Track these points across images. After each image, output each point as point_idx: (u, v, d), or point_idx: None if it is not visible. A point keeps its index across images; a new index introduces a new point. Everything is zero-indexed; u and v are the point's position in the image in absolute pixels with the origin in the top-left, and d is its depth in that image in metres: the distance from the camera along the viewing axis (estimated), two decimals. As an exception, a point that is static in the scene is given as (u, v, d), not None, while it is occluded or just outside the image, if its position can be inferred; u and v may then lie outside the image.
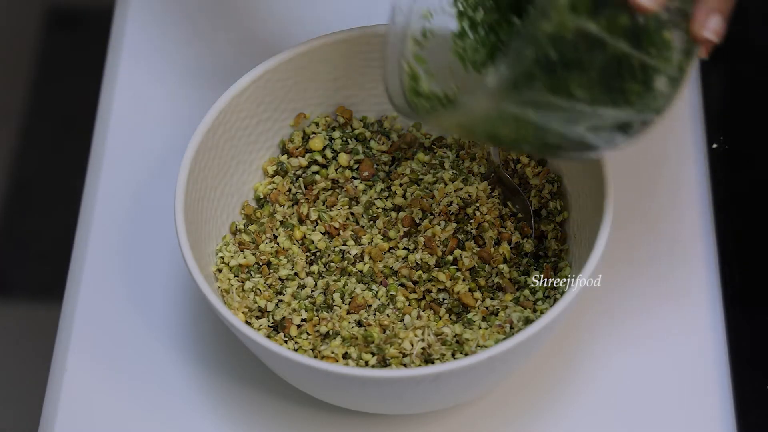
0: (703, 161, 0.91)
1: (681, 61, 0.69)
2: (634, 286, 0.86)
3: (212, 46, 0.98)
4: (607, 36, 0.66)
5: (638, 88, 0.68)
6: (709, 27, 0.68)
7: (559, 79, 0.67)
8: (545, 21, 0.65)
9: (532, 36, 0.65)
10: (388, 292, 0.81)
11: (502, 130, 0.70)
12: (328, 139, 0.87)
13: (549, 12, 0.65)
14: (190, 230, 0.77)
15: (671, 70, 0.69)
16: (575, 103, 0.68)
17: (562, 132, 0.70)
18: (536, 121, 0.69)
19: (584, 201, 0.81)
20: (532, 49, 0.65)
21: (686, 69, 0.69)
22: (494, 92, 0.67)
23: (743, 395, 0.81)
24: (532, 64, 0.66)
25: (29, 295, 1.61)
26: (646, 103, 0.69)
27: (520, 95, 0.67)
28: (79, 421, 0.82)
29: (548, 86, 0.67)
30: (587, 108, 0.68)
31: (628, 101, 0.69)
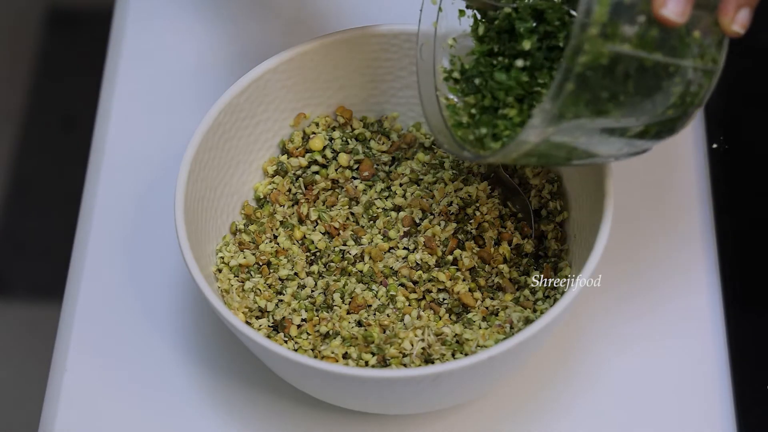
0: (703, 161, 0.91)
1: (714, 54, 0.70)
2: (634, 286, 0.86)
3: (212, 46, 0.98)
4: (642, 52, 0.67)
5: (679, 90, 0.70)
6: (738, 21, 0.69)
7: (603, 102, 0.68)
8: (581, 54, 0.66)
9: (570, 69, 0.66)
10: (388, 292, 0.81)
11: (553, 156, 0.72)
12: (328, 139, 0.87)
13: (583, 45, 0.66)
14: (190, 230, 0.77)
15: (707, 65, 0.70)
16: (621, 119, 0.69)
17: (612, 146, 0.72)
18: (586, 143, 0.70)
19: (584, 201, 0.81)
20: (572, 82, 0.66)
21: (720, 60, 0.70)
22: (541, 128, 0.68)
23: (743, 395, 0.81)
24: (574, 96, 0.67)
25: (29, 295, 1.61)
26: (687, 101, 0.70)
27: (567, 126, 0.68)
28: (79, 421, 0.82)
29: (593, 111, 0.68)
30: (633, 120, 0.70)
31: (672, 104, 0.70)
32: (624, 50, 0.67)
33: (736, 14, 0.69)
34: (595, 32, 0.66)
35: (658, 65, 0.68)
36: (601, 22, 0.66)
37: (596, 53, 0.66)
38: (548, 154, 0.71)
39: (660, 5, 0.67)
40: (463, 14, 0.79)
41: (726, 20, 0.69)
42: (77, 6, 1.82)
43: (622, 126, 0.70)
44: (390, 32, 0.85)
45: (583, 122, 0.69)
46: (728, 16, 0.69)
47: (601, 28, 0.66)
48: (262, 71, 0.83)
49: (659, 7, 0.67)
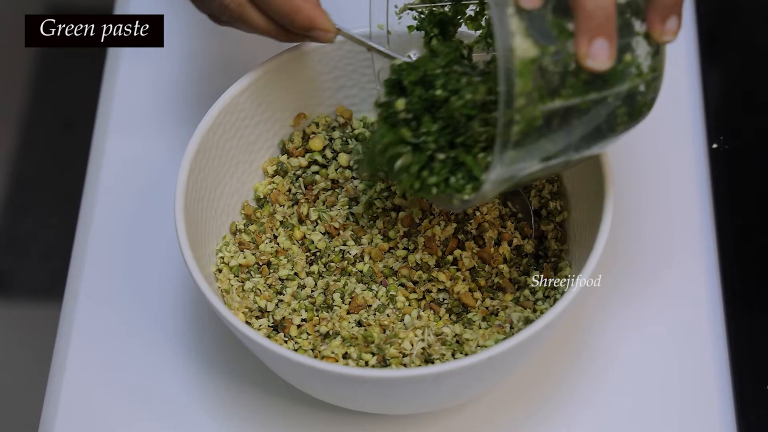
0: (703, 161, 0.91)
1: (653, 64, 0.70)
2: (634, 286, 0.86)
3: (212, 46, 0.98)
4: (576, 99, 0.67)
5: (624, 110, 0.70)
6: (667, 30, 0.69)
7: (549, 149, 0.68)
8: (514, 125, 0.66)
9: (506, 142, 0.66)
10: (388, 292, 0.81)
11: (517, 184, 0.72)
12: (328, 139, 0.87)
13: (514, 116, 0.65)
14: (190, 230, 0.77)
15: (646, 77, 0.70)
16: (572, 153, 0.70)
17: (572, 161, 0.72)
18: (546, 173, 0.71)
19: (584, 201, 0.81)
20: (512, 149, 0.66)
21: (660, 66, 0.70)
22: (494, 186, 0.69)
23: (743, 395, 0.81)
24: (517, 158, 0.67)
25: (29, 295, 1.60)
26: (634, 113, 0.70)
27: (519, 175, 0.69)
28: (79, 421, 0.82)
29: (542, 158, 0.68)
30: (585, 147, 0.70)
31: (619, 123, 0.70)
32: (556, 105, 0.67)
33: (664, 24, 0.69)
34: (522, 103, 0.65)
35: (595, 102, 0.68)
36: (526, 92, 0.65)
37: (529, 119, 0.66)
38: (514, 185, 0.72)
39: (584, 56, 0.66)
40: (413, 29, 0.80)
41: (656, 33, 0.69)
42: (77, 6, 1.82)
43: (575, 157, 0.70)
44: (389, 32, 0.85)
45: (536, 167, 0.69)
46: (657, 28, 0.69)
47: (527, 97, 0.65)
48: (262, 71, 0.83)
49: (584, 59, 0.66)
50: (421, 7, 0.80)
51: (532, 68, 0.65)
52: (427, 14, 0.80)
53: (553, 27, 0.66)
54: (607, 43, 0.66)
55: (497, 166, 0.67)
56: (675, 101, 0.93)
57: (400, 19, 0.81)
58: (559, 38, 0.66)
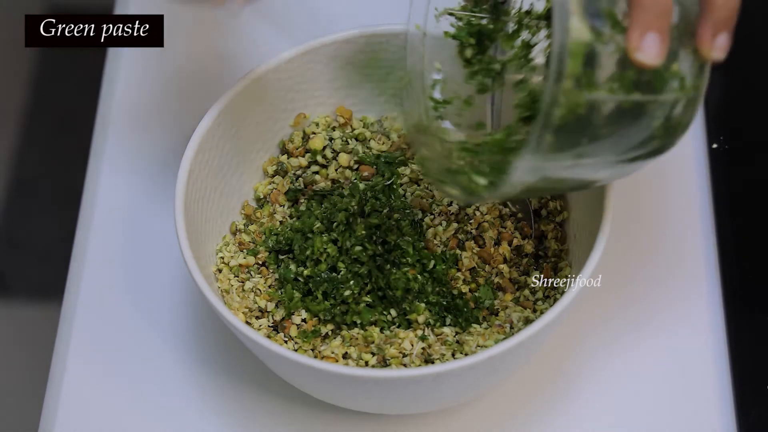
0: (703, 161, 0.91)
1: (695, 82, 0.69)
2: (634, 286, 0.86)
3: (212, 46, 0.98)
4: (620, 96, 0.66)
5: (660, 122, 0.69)
6: (717, 46, 0.68)
7: (584, 146, 0.67)
8: (557, 107, 0.65)
9: (547, 123, 0.65)
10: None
11: (546, 189, 0.72)
12: (328, 139, 0.87)
13: (559, 98, 0.65)
14: (190, 230, 0.77)
15: (688, 94, 0.69)
16: (604, 156, 0.69)
17: (602, 173, 0.71)
18: (574, 175, 0.70)
19: (584, 201, 0.81)
20: (551, 134, 0.66)
21: (701, 86, 0.69)
22: (523, 177, 0.68)
23: (743, 395, 0.81)
24: (554, 146, 0.66)
25: (29, 295, 1.60)
26: (670, 129, 0.69)
27: (550, 170, 0.68)
28: (79, 421, 0.82)
29: (575, 155, 0.67)
30: (614, 156, 0.69)
31: (654, 135, 0.69)
32: (601, 96, 0.66)
33: (714, 40, 0.68)
34: (569, 85, 0.65)
35: (637, 104, 0.67)
36: (575, 75, 0.65)
37: (573, 104, 0.65)
38: (542, 189, 0.71)
39: (635, 49, 0.65)
40: (449, 35, 0.79)
41: (705, 48, 0.68)
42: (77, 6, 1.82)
43: (606, 161, 0.69)
44: (390, 32, 0.85)
45: (566, 164, 0.68)
46: (707, 43, 0.68)
47: (575, 79, 0.65)
48: (262, 71, 0.83)
49: (634, 51, 0.65)
50: (460, 14, 0.80)
51: (584, 52, 0.65)
52: (465, 23, 0.79)
53: (609, 17, 0.65)
54: (659, 39, 0.65)
55: (532, 151, 0.66)
56: (675, 101, 0.93)
57: (438, 22, 0.80)
58: (613, 29, 0.66)
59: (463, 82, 0.80)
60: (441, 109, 0.80)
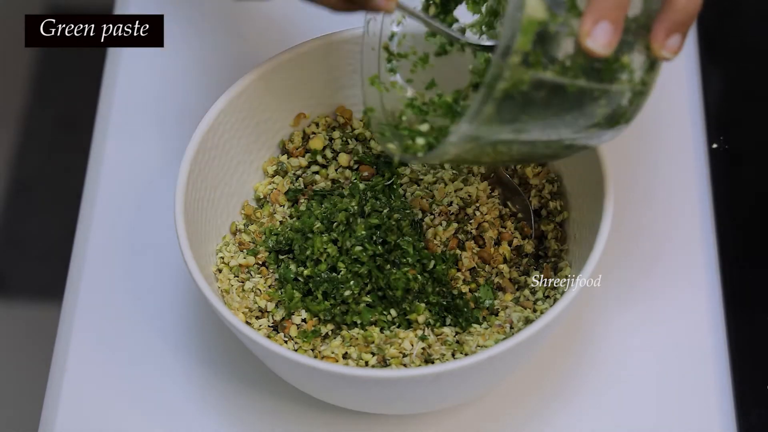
0: (703, 161, 0.91)
1: (644, 77, 0.69)
2: (634, 286, 0.86)
3: (212, 46, 0.98)
4: (565, 79, 0.67)
5: (604, 111, 0.69)
6: (668, 46, 0.68)
7: (523, 122, 0.68)
8: (501, 80, 0.65)
9: (489, 95, 0.66)
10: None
11: (482, 158, 0.71)
12: (328, 139, 0.87)
13: (504, 72, 0.65)
14: (190, 230, 0.77)
15: (635, 87, 0.69)
16: (542, 136, 0.69)
17: (534, 152, 0.71)
18: (511, 148, 0.70)
19: (584, 201, 0.81)
20: (491, 105, 0.66)
21: (650, 81, 0.70)
22: (460, 143, 0.68)
23: (743, 395, 0.81)
24: (493, 118, 0.67)
25: (29, 295, 1.60)
26: (613, 120, 0.70)
27: (487, 140, 0.68)
28: (79, 421, 0.82)
29: (513, 130, 0.68)
30: (554, 135, 0.69)
31: (596, 124, 0.69)
32: (546, 77, 0.66)
33: (666, 40, 0.68)
34: (516, 60, 0.65)
35: (581, 90, 0.67)
36: (524, 50, 0.65)
37: (516, 80, 0.65)
38: (483, 155, 0.71)
39: (586, 35, 0.65)
40: None
41: (656, 46, 0.68)
42: (77, 6, 1.82)
43: (544, 139, 0.69)
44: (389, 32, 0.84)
45: (504, 137, 0.68)
46: (659, 42, 0.68)
47: (523, 56, 0.65)
48: (262, 71, 0.83)
49: (585, 37, 0.65)
50: None
51: (535, 30, 0.65)
52: None
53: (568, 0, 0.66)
54: (612, 29, 0.65)
55: (470, 119, 0.66)
56: (675, 101, 0.93)
57: None
58: (569, 12, 0.66)
59: (423, 39, 0.80)
60: (395, 62, 0.80)
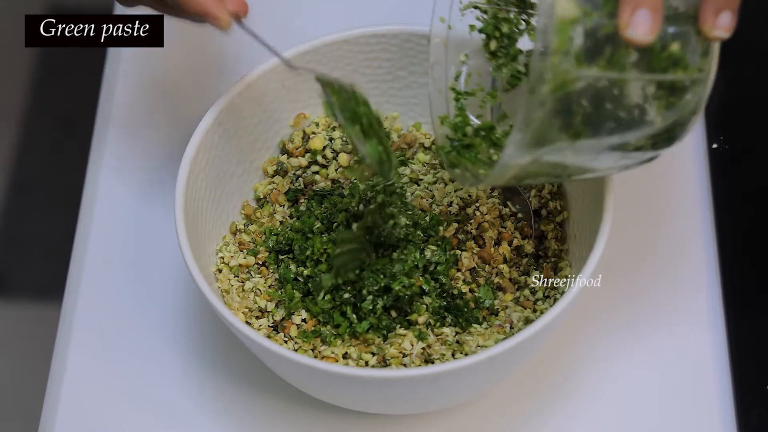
0: (703, 161, 0.91)
1: (699, 63, 0.68)
2: (634, 286, 0.86)
3: (212, 46, 0.98)
4: (612, 73, 0.65)
5: (664, 103, 0.68)
6: (719, 25, 0.67)
7: (579, 125, 0.66)
8: (544, 83, 0.64)
9: (534, 100, 0.64)
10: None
11: (547, 174, 0.70)
12: (328, 139, 0.87)
13: (545, 74, 0.64)
14: (190, 230, 0.77)
15: (692, 75, 0.68)
16: (604, 138, 0.68)
17: (606, 161, 0.70)
18: (577, 160, 0.69)
19: (584, 201, 0.81)
20: (540, 111, 0.65)
21: (707, 68, 0.68)
22: (518, 156, 0.67)
23: (743, 395, 0.81)
24: (545, 123, 0.65)
25: (29, 295, 1.61)
26: (678, 112, 0.68)
27: (547, 150, 0.67)
28: (79, 421, 0.82)
29: (570, 135, 0.67)
30: (618, 138, 0.68)
31: (659, 117, 0.68)
32: (592, 73, 0.65)
33: (716, 19, 0.67)
34: (556, 60, 0.64)
35: (634, 83, 0.66)
36: (562, 50, 0.64)
37: (561, 81, 0.64)
38: (542, 173, 0.70)
39: (625, 27, 0.64)
40: (474, 29, 0.79)
41: (707, 26, 0.67)
42: (77, 6, 1.82)
43: (608, 144, 0.68)
44: (390, 32, 0.85)
45: (563, 145, 0.67)
46: (708, 21, 0.67)
47: (562, 56, 0.64)
48: (262, 71, 0.83)
49: (624, 28, 0.64)
50: (485, 6, 0.79)
51: (571, 28, 0.64)
52: (490, 16, 0.79)
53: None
54: (651, 15, 0.64)
55: (522, 127, 0.65)
56: (675, 101, 0.93)
57: (463, 15, 0.80)
58: (605, 6, 0.65)
59: (490, 74, 0.80)
60: (463, 100, 0.80)
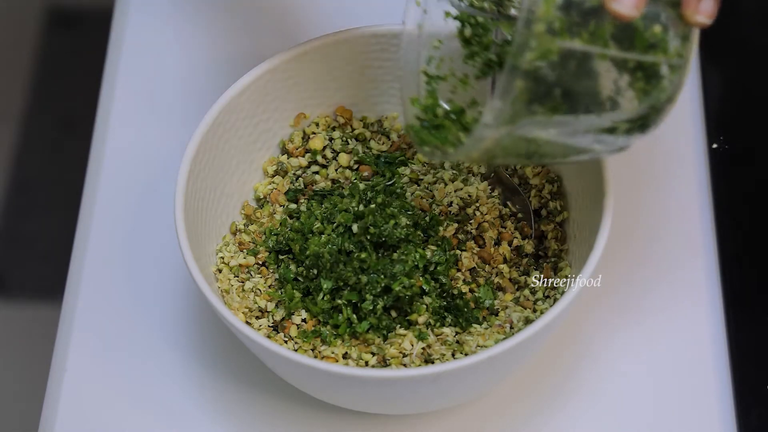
0: (703, 161, 0.91)
1: (678, 48, 0.68)
2: (634, 286, 0.86)
3: (212, 46, 0.98)
4: (594, 48, 0.65)
5: (642, 86, 0.68)
6: (701, 10, 0.67)
7: (557, 99, 0.66)
8: (528, 51, 0.64)
9: (517, 67, 0.64)
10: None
11: (521, 152, 0.70)
12: (328, 139, 0.87)
13: (529, 42, 0.64)
14: (190, 230, 0.77)
15: (671, 59, 0.68)
16: (580, 116, 0.67)
17: (580, 141, 0.69)
18: (549, 139, 0.68)
19: (584, 201, 0.81)
20: (521, 80, 0.64)
21: (686, 54, 0.68)
22: (495, 127, 0.67)
23: (743, 395, 0.81)
24: (525, 93, 0.65)
25: (29, 295, 1.61)
26: (654, 97, 0.68)
27: (521, 123, 0.67)
28: (79, 421, 0.82)
29: (548, 108, 0.66)
30: (594, 118, 0.68)
31: (636, 99, 0.68)
32: (575, 46, 0.65)
33: (699, 4, 0.66)
34: (541, 28, 0.64)
35: (614, 61, 0.66)
36: (548, 19, 0.64)
37: (544, 50, 0.64)
38: (514, 151, 0.69)
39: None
40: (449, 15, 0.79)
41: (689, 11, 0.66)
42: (77, 6, 1.82)
43: (584, 124, 0.68)
44: (389, 32, 0.85)
45: (540, 119, 0.66)
46: (690, 6, 0.66)
47: (547, 24, 0.64)
48: (262, 71, 0.83)
49: (611, 1, 0.64)
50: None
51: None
52: (466, 4, 0.78)
53: None
54: None
55: (501, 95, 0.64)
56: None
57: (439, 0, 0.79)
58: None
59: (461, 62, 0.79)
60: (434, 84, 0.80)
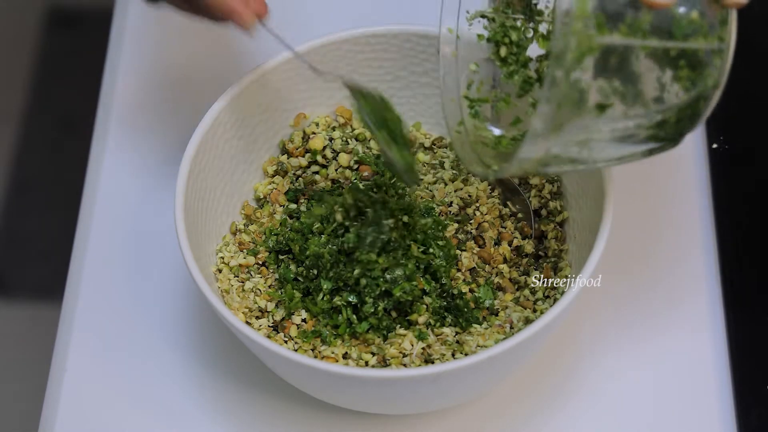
0: (703, 161, 0.91)
1: (719, 32, 0.68)
2: (634, 286, 0.86)
3: (212, 45, 0.98)
4: (634, 40, 0.66)
5: (687, 74, 0.68)
6: None
7: (604, 96, 0.66)
8: (568, 52, 0.64)
9: (559, 67, 0.64)
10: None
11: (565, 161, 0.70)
12: (328, 139, 0.87)
13: (569, 40, 0.64)
14: (190, 230, 0.77)
15: (712, 44, 0.68)
16: (629, 112, 0.67)
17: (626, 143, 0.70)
18: (597, 139, 0.69)
19: (584, 201, 0.81)
20: (566, 82, 0.65)
21: (727, 37, 0.68)
22: (545, 134, 0.67)
23: (743, 395, 0.81)
24: (571, 96, 0.65)
25: (29, 295, 1.61)
26: (701, 85, 0.68)
27: (570, 126, 0.67)
28: (79, 421, 0.82)
29: (596, 110, 0.66)
30: (642, 111, 0.68)
31: (682, 89, 0.68)
32: (614, 40, 0.65)
33: None
34: (580, 26, 0.64)
35: (655, 53, 0.66)
36: (585, 16, 0.64)
37: (585, 48, 0.64)
38: (563, 159, 0.69)
39: None
40: (482, 38, 0.79)
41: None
42: (77, 6, 1.82)
43: (634, 121, 0.68)
44: (389, 33, 0.85)
45: (587, 121, 0.67)
46: None
47: (584, 21, 0.64)
48: (262, 71, 0.83)
49: None
50: (493, 15, 0.79)
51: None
52: (498, 25, 0.79)
53: None
54: None
55: (549, 98, 0.65)
56: (675, 101, 0.93)
57: (471, 25, 0.80)
58: None
59: (501, 81, 0.80)
60: (477, 107, 0.80)
